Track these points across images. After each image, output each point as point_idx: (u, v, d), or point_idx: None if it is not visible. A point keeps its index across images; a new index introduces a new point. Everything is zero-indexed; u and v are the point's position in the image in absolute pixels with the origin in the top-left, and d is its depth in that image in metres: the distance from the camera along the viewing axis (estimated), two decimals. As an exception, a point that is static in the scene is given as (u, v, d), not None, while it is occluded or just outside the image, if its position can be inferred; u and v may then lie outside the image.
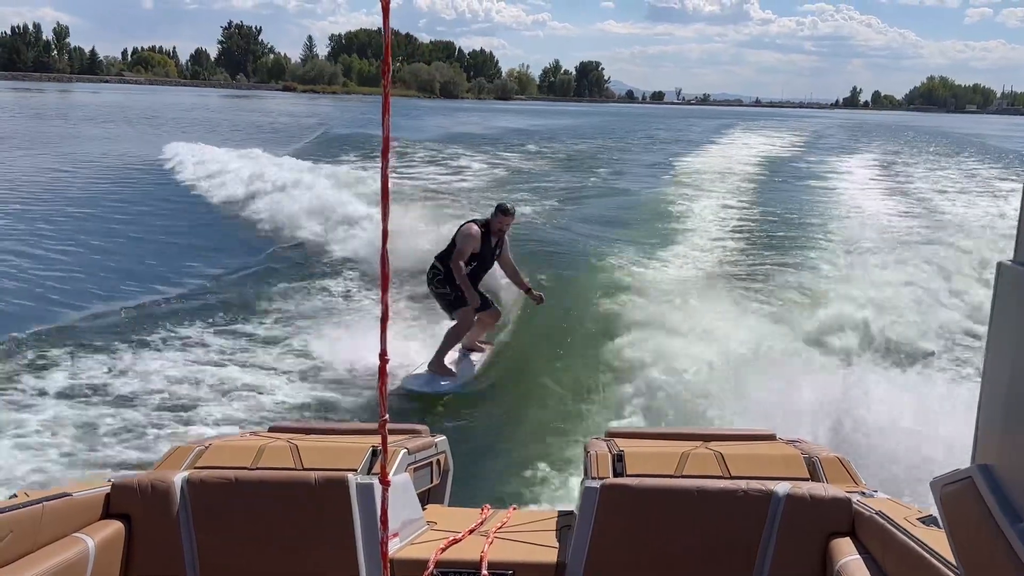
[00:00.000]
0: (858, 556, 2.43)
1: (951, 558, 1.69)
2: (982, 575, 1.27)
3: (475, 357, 8.80)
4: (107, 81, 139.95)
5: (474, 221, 8.65)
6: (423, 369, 8.34)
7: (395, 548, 2.91)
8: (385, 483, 1.82)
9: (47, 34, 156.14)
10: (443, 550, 2.89)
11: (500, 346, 9.07)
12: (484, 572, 2.79)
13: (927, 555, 2.07)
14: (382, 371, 1.70)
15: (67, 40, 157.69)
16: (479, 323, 8.71)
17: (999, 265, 1.32)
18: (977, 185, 26.54)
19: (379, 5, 1.38)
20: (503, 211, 8.49)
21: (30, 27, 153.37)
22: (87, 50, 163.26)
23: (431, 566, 2.80)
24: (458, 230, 8.59)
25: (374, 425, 2.31)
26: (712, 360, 7.57)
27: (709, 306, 9.18)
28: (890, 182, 26.70)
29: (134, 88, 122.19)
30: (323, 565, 2.78)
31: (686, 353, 7.75)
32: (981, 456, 1.34)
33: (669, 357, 7.71)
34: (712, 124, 65.28)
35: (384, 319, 1.67)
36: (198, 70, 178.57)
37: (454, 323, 8.46)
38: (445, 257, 8.42)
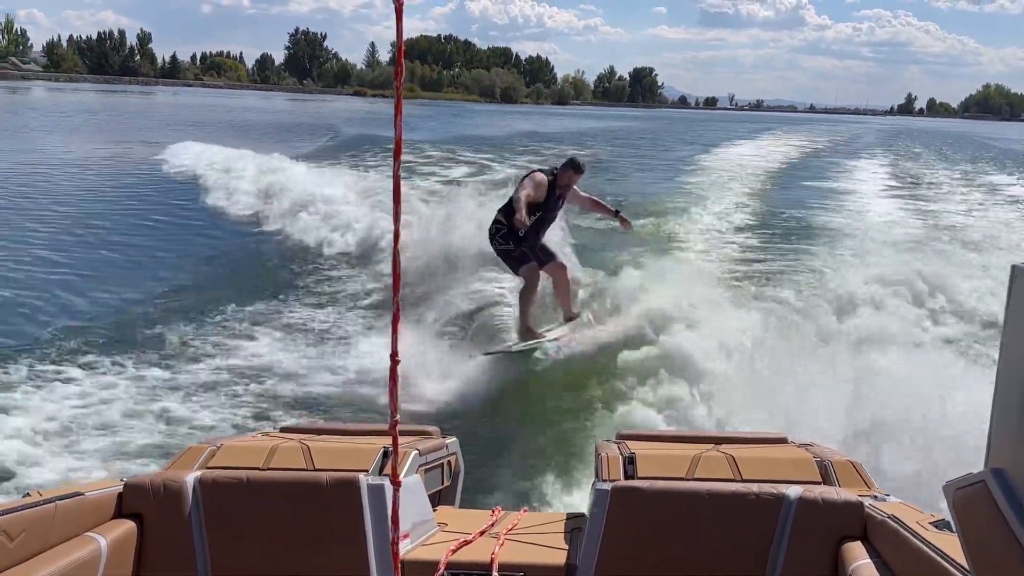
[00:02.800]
0: (870, 560, 2.42)
1: (964, 563, 1.66)
2: None
3: (567, 327, 8.58)
4: (190, 85, 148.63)
5: (541, 170, 8.33)
6: (516, 347, 8.25)
7: (406, 549, 2.92)
8: (396, 483, 1.85)
9: (131, 39, 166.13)
10: (454, 551, 2.91)
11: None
12: (495, 574, 2.81)
13: (939, 559, 2.06)
14: (393, 372, 1.69)
15: (149, 46, 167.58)
16: (553, 281, 8.42)
17: (1013, 268, 1.31)
18: (994, 190, 26.89)
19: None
20: (574, 167, 8.13)
21: (115, 33, 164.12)
22: (157, 54, 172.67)
23: (442, 567, 2.83)
24: (524, 176, 8.33)
25: (385, 426, 2.52)
26: (724, 362, 7.54)
27: (721, 307, 9.14)
28: (908, 185, 27.06)
29: (214, 91, 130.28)
30: (334, 565, 2.79)
31: (698, 355, 7.70)
32: (994, 460, 1.33)
33: (680, 359, 7.67)
34: (751, 128, 66.65)
35: (395, 320, 1.68)
36: (267, 75, 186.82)
37: (522, 285, 8.32)
38: (507, 210, 8.07)
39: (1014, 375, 1.28)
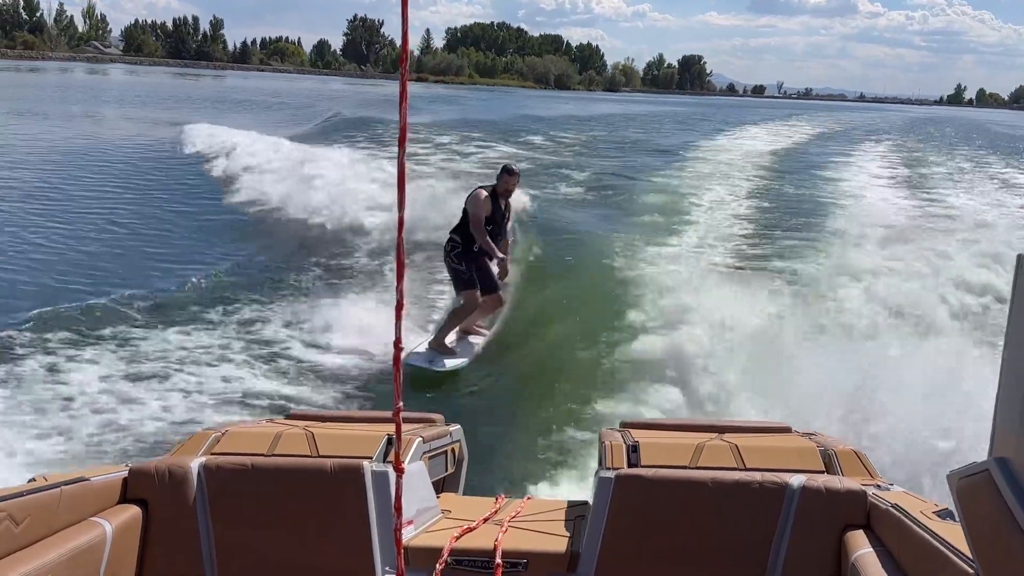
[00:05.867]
0: (873, 549, 2.43)
1: (968, 552, 1.68)
2: (998, 569, 1.26)
3: (474, 339, 8.82)
4: (261, 70, 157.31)
5: (481, 187, 8.63)
6: (424, 348, 8.42)
7: (409, 536, 2.96)
8: (399, 470, 1.87)
9: (203, 26, 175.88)
10: (457, 538, 2.95)
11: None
12: (498, 560, 2.84)
13: (943, 548, 2.06)
14: (396, 359, 1.72)
15: (221, 32, 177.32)
16: (481, 307, 8.65)
17: (1020, 258, 1.31)
18: (998, 179, 26.76)
19: None
20: (508, 172, 8.47)
21: (189, 19, 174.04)
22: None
23: (445, 554, 2.86)
24: (467, 198, 8.60)
25: (389, 413, 2.48)
26: (727, 350, 7.57)
27: (724, 294, 9.10)
28: (913, 173, 26.76)
29: (283, 76, 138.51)
30: (338, 551, 2.84)
31: (701, 343, 7.75)
32: (999, 449, 1.33)
33: (684, 347, 7.74)
34: (781, 113, 67.50)
35: (399, 307, 1.69)
36: (330, 60, 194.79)
37: (459, 304, 8.62)
38: (461, 229, 8.42)
39: (1019, 364, 1.27)
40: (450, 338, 8.62)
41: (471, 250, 8.43)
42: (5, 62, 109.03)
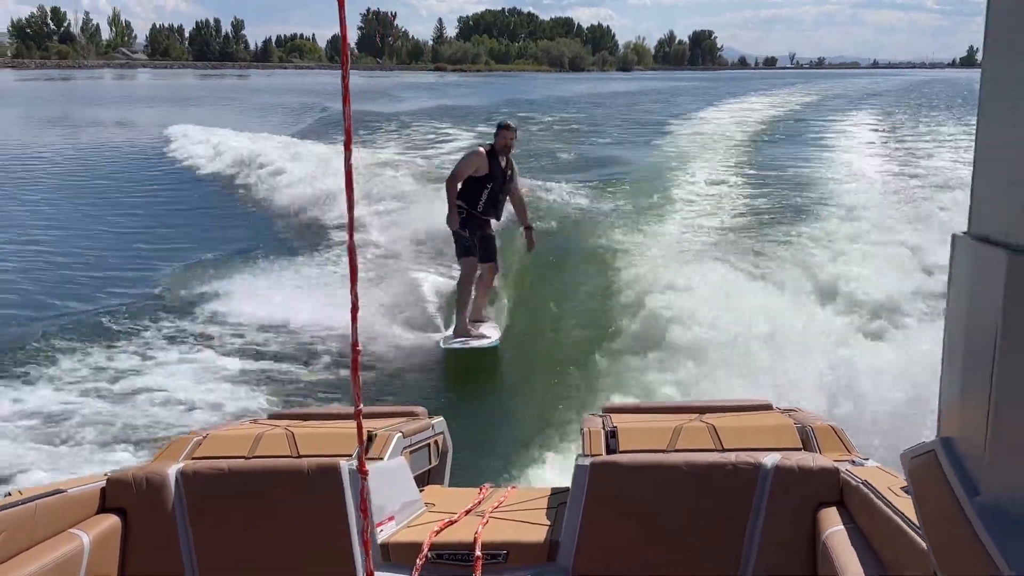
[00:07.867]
0: (843, 527, 2.44)
1: None
2: (946, 549, 1.28)
3: (486, 327, 8.71)
4: (283, 67, 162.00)
5: (480, 145, 8.60)
6: (451, 333, 8.47)
7: (391, 532, 2.97)
8: (363, 473, 1.88)
9: (225, 27, 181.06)
10: (438, 532, 2.95)
11: (497, 323, 8.76)
12: (478, 553, 2.83)
13: (904, 525, 2.09)
14: (354, 362, 1.75)
15: (243, 32, 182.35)
16: (480, 280, 8.59)
17: (954, 237, 1.31)
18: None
19: None
20: (503, 127, 8.48)
21: (211, 21, 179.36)
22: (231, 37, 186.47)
23: (425, 549, 2.84)
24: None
25: (373, 409, 2.50)
26: (712, 331, 7.59)
27: (710, 276, 9.16)
28: (899, 145, 25.30)
29: (310, 72, 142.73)
30: (318, 551, 2.84)
31: (687, 324, 7.76)
32: (945, 429, 1.35)
33: (670, 329, 7.73)
34: (785, 84, 68.22)
35: (354, 311, 1.71)
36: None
37: (460, 275, 8.59)
38: (464, 193, 8.40)
39: (957, 345, 1.29)
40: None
41: (475, 215, 8.32)
42: (46, 71, 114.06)
